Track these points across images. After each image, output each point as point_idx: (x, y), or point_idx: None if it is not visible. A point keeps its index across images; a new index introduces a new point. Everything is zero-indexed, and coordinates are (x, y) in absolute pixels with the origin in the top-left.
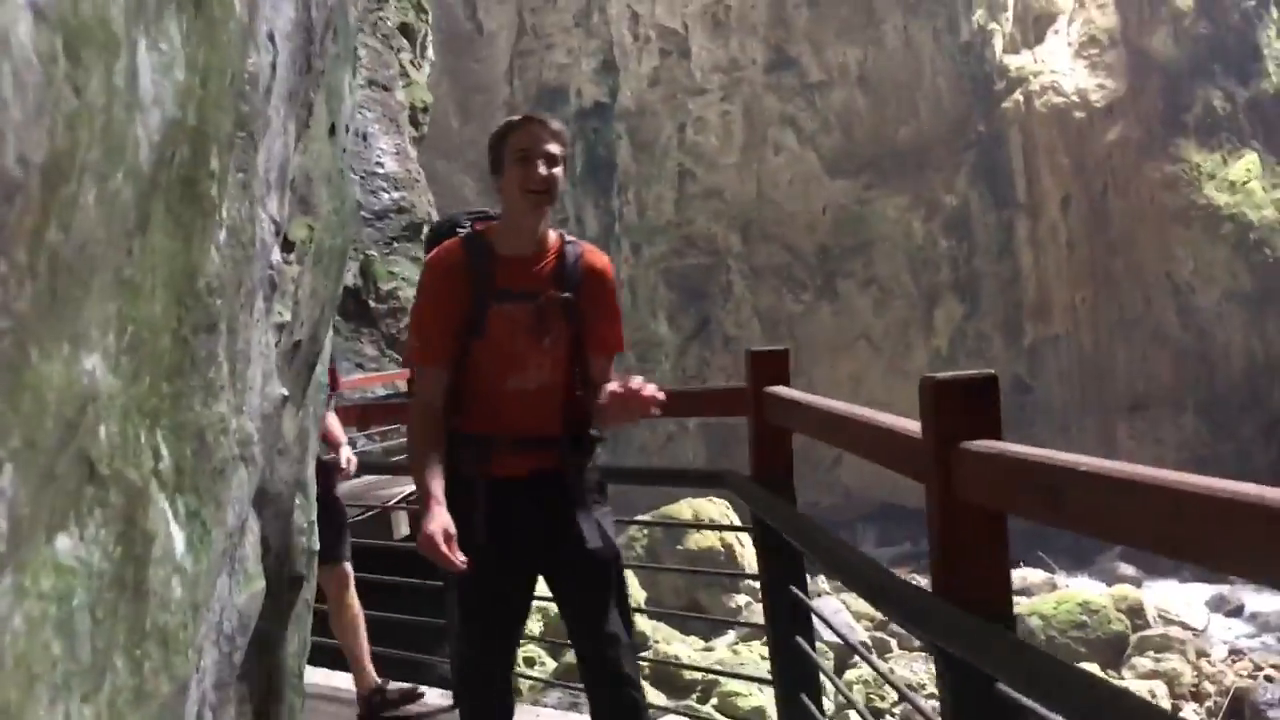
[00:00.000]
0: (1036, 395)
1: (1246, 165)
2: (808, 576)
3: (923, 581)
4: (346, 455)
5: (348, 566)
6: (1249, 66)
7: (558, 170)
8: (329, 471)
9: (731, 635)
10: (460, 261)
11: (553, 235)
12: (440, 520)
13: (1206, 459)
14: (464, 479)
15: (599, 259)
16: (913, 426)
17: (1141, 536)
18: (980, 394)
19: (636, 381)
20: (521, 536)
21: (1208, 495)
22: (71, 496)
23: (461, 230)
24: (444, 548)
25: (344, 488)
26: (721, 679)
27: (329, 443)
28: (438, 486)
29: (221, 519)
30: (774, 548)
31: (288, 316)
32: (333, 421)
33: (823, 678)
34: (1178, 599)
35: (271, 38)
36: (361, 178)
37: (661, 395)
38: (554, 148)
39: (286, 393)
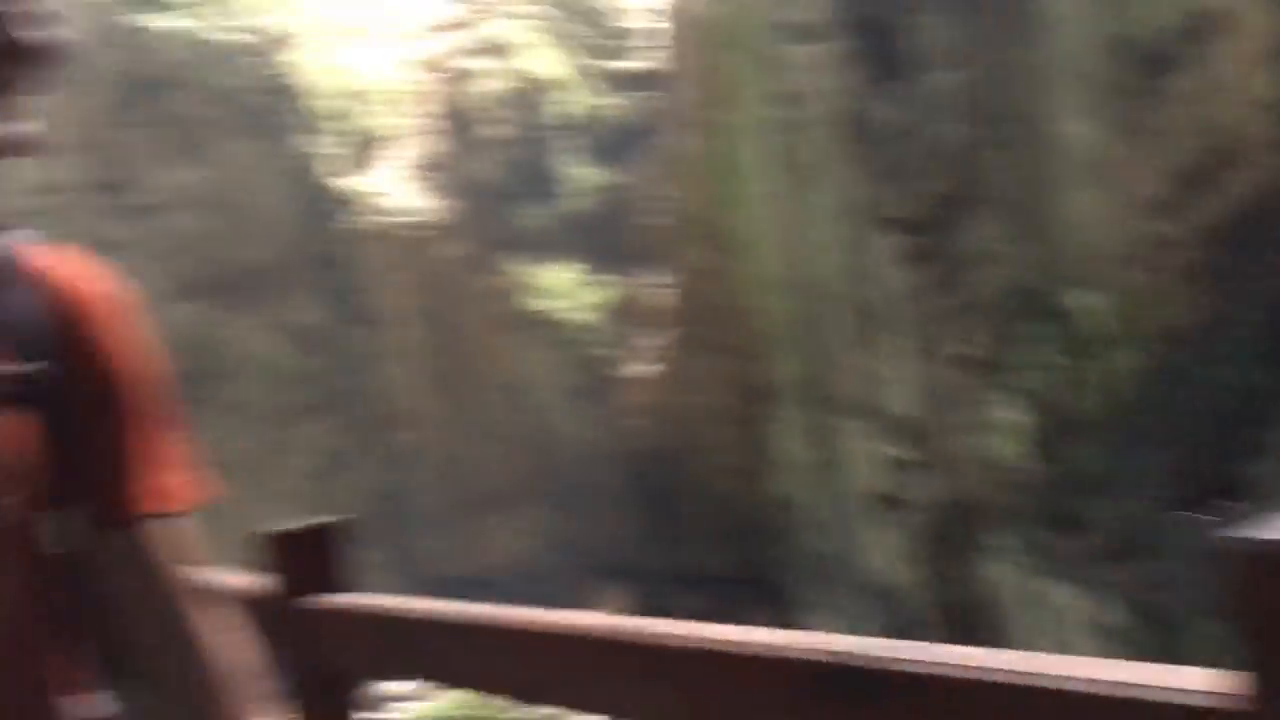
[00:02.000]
0: (408, 502)
1: (561, 275)
2: None
3: None
4: None
5: None
6: (553, 189)
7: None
8: None
9: None
10: None
11: None
12: None
13: (572, 545)
14: None
15: (94, 279)
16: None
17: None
18: (316, 544)
19: None
20: None
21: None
22: None
23: None
24: None
25: None
26: None
27: None
28: None
29: None
30: None
31: None
32: None
33: None
34: None
35: None
36: None
37: None
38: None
39: None
